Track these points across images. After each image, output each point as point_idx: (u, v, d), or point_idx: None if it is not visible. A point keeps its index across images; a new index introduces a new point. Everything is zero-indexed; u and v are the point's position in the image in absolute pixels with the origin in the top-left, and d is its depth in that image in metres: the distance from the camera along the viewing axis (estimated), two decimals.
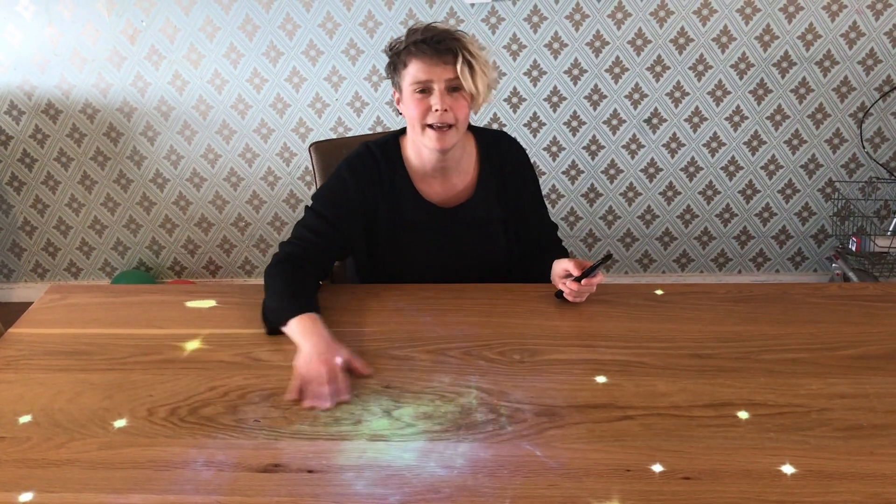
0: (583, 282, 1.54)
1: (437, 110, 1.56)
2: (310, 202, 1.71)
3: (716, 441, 1.19)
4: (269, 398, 1.32)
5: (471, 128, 1.75)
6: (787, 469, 1.12)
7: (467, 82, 1.54)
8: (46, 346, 1.48)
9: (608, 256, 1.60)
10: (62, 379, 1.38)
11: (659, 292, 1.61)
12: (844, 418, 1.23)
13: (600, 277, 1.56)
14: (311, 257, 1.64)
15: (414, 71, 1.56)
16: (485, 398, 1.30)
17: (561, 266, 1.60)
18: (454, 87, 1.57)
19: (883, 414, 1.24)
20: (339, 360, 1.36)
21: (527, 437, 1.21)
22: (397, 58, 1.60)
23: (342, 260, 1.79)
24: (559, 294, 1.59)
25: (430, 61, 1.54)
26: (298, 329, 1.43)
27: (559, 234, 1.89)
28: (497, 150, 1.75)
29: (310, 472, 1.15)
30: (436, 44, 1.54)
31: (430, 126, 1.58)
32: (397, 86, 1.63)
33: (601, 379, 1.33)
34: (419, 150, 1.67)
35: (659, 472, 1.12)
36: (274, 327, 1.48)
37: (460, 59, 1.53)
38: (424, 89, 1.57)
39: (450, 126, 1.58)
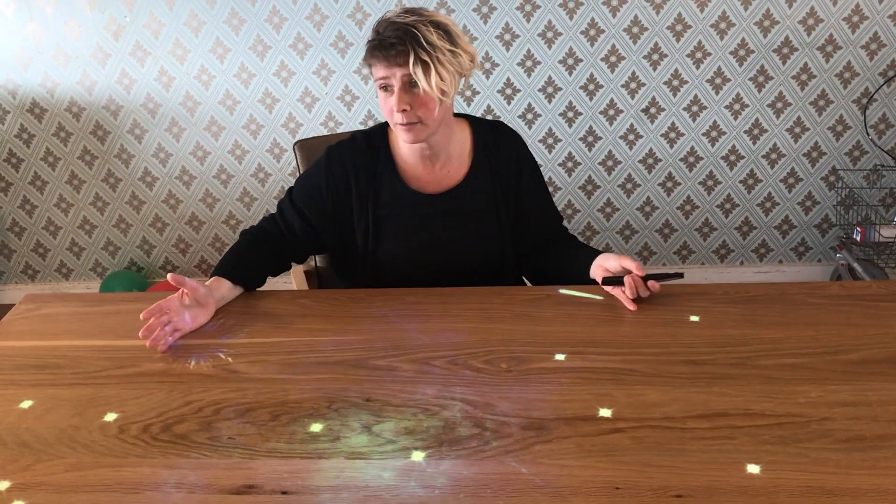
0: (648, 283, 1.49)
1: (396, 111, 1.53)
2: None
3: (710, 455, 1.13)
4: (245, 413, 1.26)
5: (468, 118, 1.72)
6: (785, 485, 1.07)
7: (421, 82, 1.49)
8: (17, 359, 1.43)
9: (680, 274, 1.55)
10: (31, 395, 1.32)
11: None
12: (845, 429, 1.17)
13: (657, 287, 1.51)
14: (275, 240, 1.70)
15: (374, 70, 1.55)
16: (469, 411, 1.25)
17: (621, 263, 1.53)
18: (415, 83, 1.51)
19: (886, 423, 1.18)
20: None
21: (512, 452, 1.15)
22: (366, 55, 1.57)
23: (313, 252, 1.82)
24: (608, 281, 1.53)
25: (386, 62, 1.51)
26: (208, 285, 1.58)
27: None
28: (493, 138, 1.71)
29: (284, 493, 1.10)
30: (389, 46, 1.49)
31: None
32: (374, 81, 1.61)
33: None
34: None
35: (649, 490, 1.07)
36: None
37: (412, 58, 1.48)
38: (386, 87, 1.54)
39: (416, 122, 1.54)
